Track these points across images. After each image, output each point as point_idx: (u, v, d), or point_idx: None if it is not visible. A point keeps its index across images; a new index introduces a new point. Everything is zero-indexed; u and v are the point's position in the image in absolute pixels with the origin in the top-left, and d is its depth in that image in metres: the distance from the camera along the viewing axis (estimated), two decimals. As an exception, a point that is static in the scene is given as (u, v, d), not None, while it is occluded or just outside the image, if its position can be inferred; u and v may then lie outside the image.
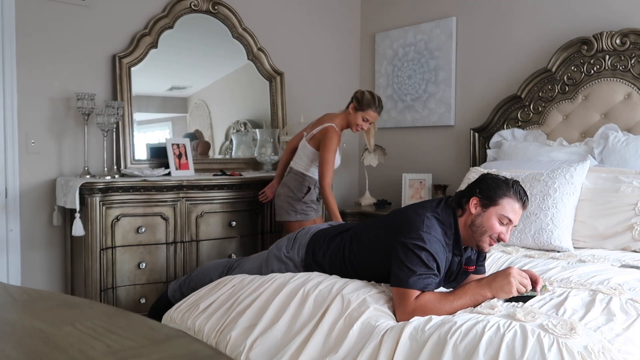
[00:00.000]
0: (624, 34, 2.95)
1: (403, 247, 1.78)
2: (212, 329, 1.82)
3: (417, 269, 1.74)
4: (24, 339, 0.62)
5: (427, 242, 1.77)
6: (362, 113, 2.99)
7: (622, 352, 1.42)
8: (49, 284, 3.07)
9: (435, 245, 1.78)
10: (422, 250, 1.76)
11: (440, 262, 1.79)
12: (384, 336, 1.55)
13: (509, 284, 1.72)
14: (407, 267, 1.74)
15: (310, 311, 1.72)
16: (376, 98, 3.01)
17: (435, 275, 1.77)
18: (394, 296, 1.75)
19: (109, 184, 2.82)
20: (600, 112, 3.08)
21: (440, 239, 1.81)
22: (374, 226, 2.05)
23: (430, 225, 1.81)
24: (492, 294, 1.73)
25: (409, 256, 1.76)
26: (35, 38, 2.99)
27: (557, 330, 1.43)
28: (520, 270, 1.80)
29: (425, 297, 1.71)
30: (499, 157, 3.26)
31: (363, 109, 2.98)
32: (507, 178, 1.94)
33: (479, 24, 3.66)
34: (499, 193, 1.86)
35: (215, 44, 3.66)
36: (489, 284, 1.74)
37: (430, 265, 1.75)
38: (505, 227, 1.86)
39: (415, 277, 1.72)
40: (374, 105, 2.99)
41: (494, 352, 1.38)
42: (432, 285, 1.77)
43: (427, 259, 1.75)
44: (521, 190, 1.89)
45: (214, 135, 3.73)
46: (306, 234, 2.23)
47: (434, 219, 1.85)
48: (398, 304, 1.72)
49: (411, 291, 1.71)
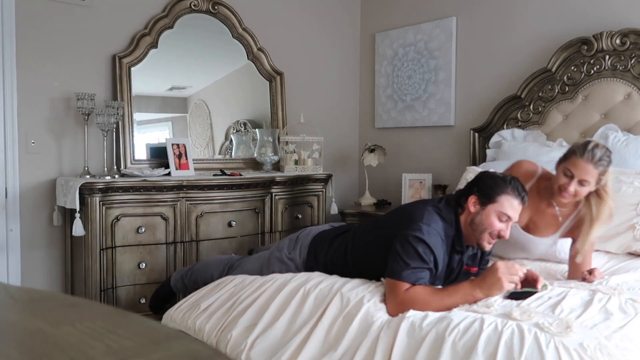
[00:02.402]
0: (624, 34, 2.95)
1: (401, 238, 1.79)
2: (212, 328, 1.83)
3: (412, 262, 1.74)
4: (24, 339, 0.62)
5: (425, 233, 1.77)
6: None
7: (619, 349, 1.43)
8: (49, 284, 3.07)
9: (434, 238, 1.78)
10: (419, 242, 1.76)
11: (438, 255, 1.79)
12: (381, 332, 1.55)
13: (499, 280, 1.71)
14: (402, 259, 1.75)
15: (310, 310, 1.73)
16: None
17: (430, 269, 1.77)
18: (386, 287, 1.76)
19: (109, 184, 2.82)
20: (600, 112, 3.08)
21: (439, 232, 1.81)
22: (375, 225, 2.05)
23: (430, 218, 1.82)
24: (484, 294, 1.72)
25: (406, 248, 1.76)
26: (35, 38, 2.99)
27: (553, 328, 1.43)
28: (507, 262, 1.78)
29: (415, 290, 1.71)
30: (499, 157, 3.26)
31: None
32: (505, 175, 1.94)
33: (479, 24, 3.66)
34: (497, 190, 1.86)
35: (215, 44, 3.67)
36: (480, 285, 1.73)
37: (426, 258, 1.75)
38: (505, 224, 1.87)
39: (409, 270, 1.73)
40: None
41: (492, 350, 1.38)
42: (425, 279, 1.77)
43: (424, 252, 1.75)
44: (519, 186, 1.89)
45: (214, 135, 3.73)
46: (308, 235, 2.23)
47: (436, 213, 1.86)
48: (388, 295, 1.72)
49: (402, 283, 1.72)
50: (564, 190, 2.04)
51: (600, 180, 2.04)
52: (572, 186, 2.02)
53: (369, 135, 4.33)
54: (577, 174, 2.02)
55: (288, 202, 3.51)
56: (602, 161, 2.01)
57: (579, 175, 2.01)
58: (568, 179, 2.04)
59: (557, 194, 2.08)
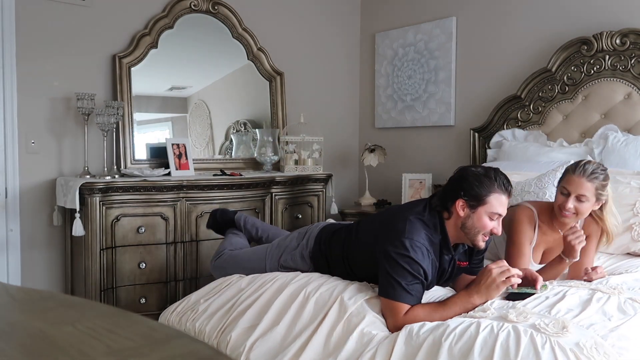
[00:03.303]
0: (624, 34, 2.95)
1: (387, 256, 1.76)
2: (213, 329, 1.83)
3: (402, 279, 1.72)
4: (24, 339, 0.62)
5: (409, 249, 1.74)
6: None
7: (616, 348, 1.43)
8: (49, 284, 3.07)
9: (419, 252, 1.75)
10: (405, 258, 1.73)
11: (426, 267, 1.76)
12: (379, 344, 1.56)
13: (493, 281, 1.70)
14: (393, 278, 1.73)
15: (310, 314, 1.73)
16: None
17: (421, 282, 1.76)
18: (383, 306, 1.74)
19: (109, 184, 2.82)
20: (600, 112, 3.08)
21: (423, 244, 1.78)
22: (368, 227, 2.03)
23: (412, 230, 1.78)
24: (481, 298, 1.72)
25: (393, 266, 1.74)
26: (35, 38, 2.99)
27: (549, 329, 1.44)
28: (498, 262, 1.77)
29: (414, 313, 1.69)
30: (499, 158, 3.26)
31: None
32: (486, 169, 1.86)
33: (479, 24, 3.66)
34: (484, 191, 1.80)
35: (215, 44, 3.66)
36: (476, 290, 1.72)
37: (415, 273, 1.73)
38: (496, 221, 1.84)
39: (401, 289, 1.71)
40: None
41: (488, 352, 1.38)
42: (420, 292, 1.76)
43: (412, 268, 1.73)
44: (504, 180, 1.84)
45: (214, 135, 3.73)
46: (316, 227, 2.23)
47: (418, 221, 1.82)
48: (388, 316, 1.71)
49: (400, 306, 1.70)
50: (563, 208, 2.06)
51: (600, 195, 2.06)
52: (570, 203, 2.04)
53: (369, 135, 4.33)
54: (572, 190, 2.04)
55: (288, 202, 3.51)
56: (595, 174, 2.03)
57: (575, 191, 2.04)
58: (565, 197, 2.06)
59: (559, 214, 2.09)
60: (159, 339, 0.60)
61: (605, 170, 2.09)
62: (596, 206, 2.09)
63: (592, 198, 2.04)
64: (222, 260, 2.41)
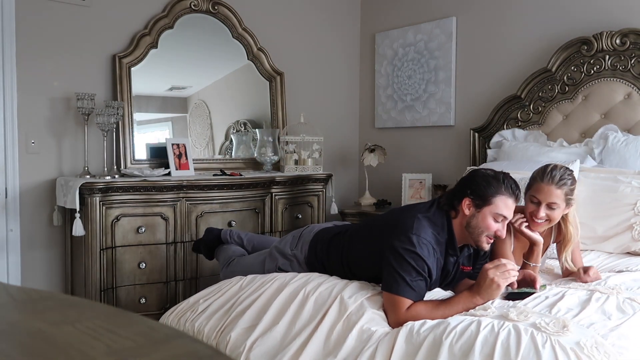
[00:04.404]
0: (624, 34, 2.95)
1: (393, 251, 1.77)
2: (212, 329, 1.82)
3: (406, 274, 1.72)
4: (24, 339, 0.62)
5: (416, 245, 1.75)
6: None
7: (616, 347, 1.43)
8: (49, 284, 3.07)
9: (425, 248, 1.76)
10: (411, 254, 1.74)
11: (431, 265, 1.77)
12: (379, 342, 1.55)
13: (492, 281, 1.70)
14: (398, 272, 1.73)
15: (310, 313, 1.73)
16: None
17: (425, 279, 1.76)
18: (385, 301, 1.75)
19: (109, 184, 2.82)
20: (600, 112, 3.08)
21: (430, 241, 1.79)
22: (368, 228, 2.03)
23: (419, 227, 1.79)
24: (483, 299, 1.72)
25: (399, 261, 1.74)
26: (35, 38, 2.99)
27: (550, 328, 1.44)
28: (495, 262, 1.77)
29: (417, 309, 1.70)
30: (499, 158, 3.26)
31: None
32: (496, 172, 1.89)
33: (479, 24, 3.67)
34: (491, 192, 1.82)
35: (215, 44, 3.66)
36: (477, 291, 1.73)
37: (419, 270, 1.74)
38: (501, 223, 1.85)
39: (405, 284, 1.71)
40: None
41: (489, 351, 1.39)
42: (423, 290, 1.76)
43: (417, 263, 1.73)
44: (512, 184, 1.86)
45: (214, 135, 3.73)
46: (310, 232, 2.22)
47: (425, 220, 1.82)
48: (389, 311, 1.71)
49: (403, 300, 1.70)
50: (535, 217, 2.04)
51: (569, 200, 2.05)
52: (542, 211, 2.02)
53: (369, 135, 4.33)
54: (542, 199, 2.02)
55: (288, 202, 3.51)
56: (563, 180, 2.02)
57: (545, 200, 2.01)
58: (535, 205, 2.04)
59: (531, 222, 2.06)
60: (158, 339, 0.60)
61: (572, 174, 2.06)
62: (566, 210, 2.07)
63: (562, 204, 2.03)
64: (232, 267, 2.42)
